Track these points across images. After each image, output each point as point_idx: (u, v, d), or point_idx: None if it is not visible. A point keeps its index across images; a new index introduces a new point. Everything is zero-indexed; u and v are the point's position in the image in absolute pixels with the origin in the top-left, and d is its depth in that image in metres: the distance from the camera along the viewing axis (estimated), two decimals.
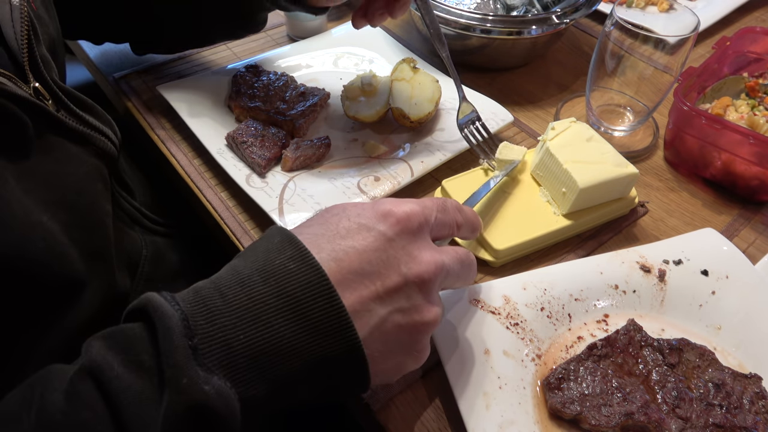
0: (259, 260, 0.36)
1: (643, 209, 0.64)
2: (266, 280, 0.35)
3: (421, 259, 0.39)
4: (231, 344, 0.32)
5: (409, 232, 0.39)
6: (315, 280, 0.35)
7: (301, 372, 0.34)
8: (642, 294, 0.54)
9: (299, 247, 0.36)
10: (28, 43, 0.45)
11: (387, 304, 0.37)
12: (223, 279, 0.35)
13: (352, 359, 0.35)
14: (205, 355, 0.32)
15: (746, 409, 0.45)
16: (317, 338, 0.34)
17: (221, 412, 0.31)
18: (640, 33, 0.62)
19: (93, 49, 0.82)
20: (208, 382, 0.31)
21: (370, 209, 0.40)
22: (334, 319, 0.35)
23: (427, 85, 0.69)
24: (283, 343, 0.33)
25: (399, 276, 0.38)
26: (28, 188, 0.40)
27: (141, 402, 0.30)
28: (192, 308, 0.33)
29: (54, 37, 0.54)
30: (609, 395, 0.46)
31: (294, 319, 0.34)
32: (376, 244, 0.38)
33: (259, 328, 0.33)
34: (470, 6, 0.88)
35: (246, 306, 0.34)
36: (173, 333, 0.31)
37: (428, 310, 0.39)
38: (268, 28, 0.87)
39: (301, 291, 0.34)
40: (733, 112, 0.68)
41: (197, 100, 0.70)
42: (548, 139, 0.60)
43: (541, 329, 0.51)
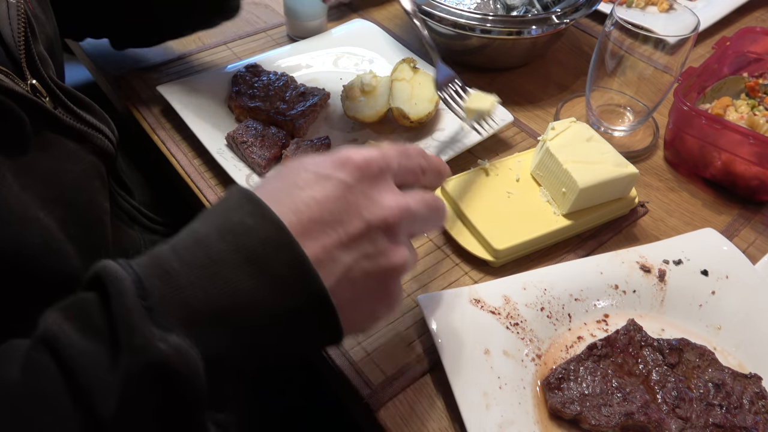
0: (217, 219, 0.35)
1: (643, 209, 0.64)
2: (224, 237, 0.33)
3: (383, 204, 0.38)
4: (189, 303, 0.31)
5: (370, 177, 0.38)
6: (275, 233, 0.34)
7: (267, 327, 0.33)
8: (642, 294, 0.54)
9: (257, 203, 0.35)
10: (25, 40, 0.45)
11: (352, 251, 0.36)
12: (180, 240, 0.34)
13: (321, 310, 0.34)
14: (161, 315, 0.30)
15: (746, 409, 0.45)
16: (281, 291, 0.33)
17: (181, 369, 0.30)
18: (640, 33, 0.62)
19: (93, 49, 0.82)
20: (164, 340, 0.30)
21: (328, 159, 0.39)
22: (298, 270, 0.33)
23: (427, 85, 0.69)
24: (246, 299, 0.32)
25: (362, 221, 0.36)
26: (25, 184, 0.40)
27: (97, 367, 0.29)
28: (146, 270, 0.32)
29: (51, 36, 0.54)
30: (609, 395, 0.46)
31: (255, 274, 0.33)
32: (336, 192, 0.36)
33: (218, 285, 0.32)
34: (470, 6, 0.88)
35: (203, 264, 0.32)
36: (125, 295, 0.30)
37: (395, 253, 0.38)
38: (268, 28, 0.88)
39: (260, 245, 0.33)
40: (733, 112, 0.68)
41: (197, 100, 0.70)
42: (548, 139, 0.60)
43: (541, 329, 0.51)
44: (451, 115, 0.70)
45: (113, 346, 0.30)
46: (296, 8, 0.81)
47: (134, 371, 0.29)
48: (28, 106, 0.42)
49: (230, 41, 0.84)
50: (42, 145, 0.43)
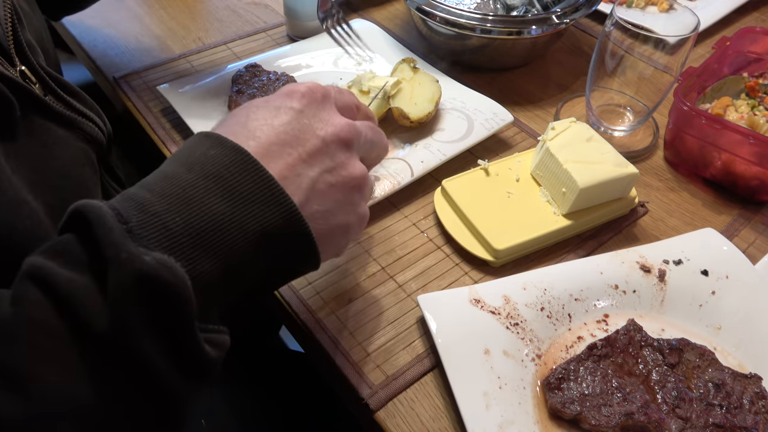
0: (181, 158, 0.36)
1: (643, 209, 0.64)
2: (190, 169, 0.35)
3: (333, 122, 0.41)
4: (168, 226, 0.32)
5: (316, 101, 0.41)
6: (237, 157, 0.36)
7: (245, 245, 0.34)
8: (642, 294, 0.54)
9: (215, 136, 0.37)
10: (12, 27, 0.45)
11: (313, 166, 0.39)
12: (149, 180, 0.36)
13: (293, 225, 0.36)
14: (143, 236, 0.31)
15: (746, 409, 0.45)
16: (253, 209, 0.35)
17: (168, 279, 0.30)
18: (640, 33, 0.62)
19: (93, 49, 0.82)
20: (149, 254, 0.31)
21: (274, 95, 0.42)
22: (265, 188, 0.35)
23: (427, 85, 0.69)
24: (222, 218, 0.34)
25: (317, 139, 0.39)
26: (14, 168, 0.40)
27: (86, 292, 0.30)
28: (122, 204, 0.33)
29: (39, 28, 0.54)
30: (609, 395, 0.46)
31: (226, 196, 0.34)
32: (288, 117, 0.39)
33: (193, 208, 0.33)
34: (470, 6, 0.88)
35: (175, 193, 0.34)
36: (106, 219, 0.31)
37: (353, 165, 0.41)
38: (268, 28, 0.88)
39: (226, 170, 0.35)
40: (733, 112, 0.68)
41: (197, 100, 0.70)
42: (548, 139, 0.60)
43: (541, 329, 0.51)
44: (451, 115, 0.70)
45: (99, 269, 0.31)
46: (296, 8, 0.81)
47: (123, 285, 0.30)
48: (18, 90, 0.42)
49: (230, 41, 0.84)
50: (31, 130, 0.44)
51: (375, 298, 0.55)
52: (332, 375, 0.51)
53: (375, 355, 0.50)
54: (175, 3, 0.93)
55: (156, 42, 0.84)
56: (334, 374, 0.50)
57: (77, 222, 0.32)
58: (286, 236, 0.36)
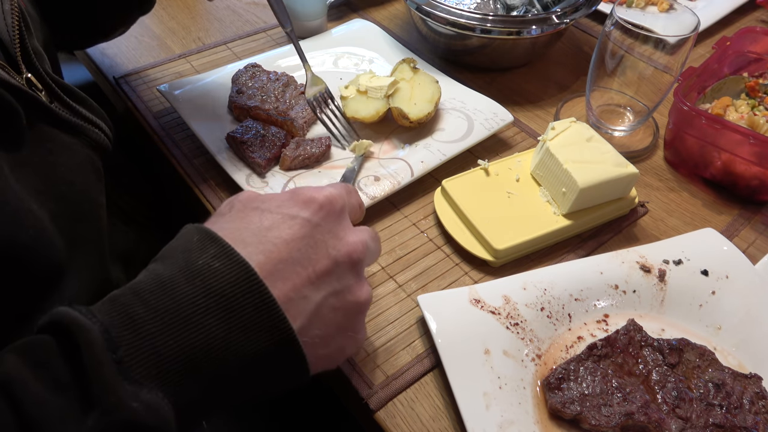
0: (180, 261, 0.34)
1: (643, 209, 0.64)
2: (191, 280, 0.33)
3: (347, 240, 0.39)
4: (159, 352, 0.31)
5: (333, 215, 0.39)
6: (243, 275, 0.34)
7: (237, 370, 0.33)
8: (642, 294, 0.54)
9: (222, 244, 0.35)
10: (19, 34, 0.45)
11: (321, 289, 0.37)
12: (143, 284, 0.34)
13: (288, 352, 0.35)
14: (132, 368, 0.30)
15: (746, 409, 0.45)
16: (251, 335, 0.33)
17: (151, 425, 0.30)
18: (640, 33, 0.62)
19: (93, 49, 0.82)
20: (137, 397, 0.29)
21: (290, 198, 0.39)
22: (266, 313, 0.34)
23: (426, 86, 0.69)
24: (216, 343, 0.32)
25: (328, 259, 0.38)
26: (19, 177, 0.40)
27: (62, 420, 0.29)
28: (112, 319, 0.31)
29: (46, 34, 0.54)
30: (609, 395, 0.46)
31: (225, 318, 0.33)
32: (302, 231, 0.37)
33: (189, 330, 0.32)
34: (470, 6, 0.88)
35: (172, 309, 0.32)
36: (95, 347, 0.30)
37: (360, 289, 0.39)
38: (267, 28, 0.88)
39: (230, 288, 0.33)
40: (733, 112, 0.68)
41: (197, 100, 0.70)
42: (548, 139, 0.60)
43: (541, 329, 0.51)
44: (451, 115, 0.70)
45: (81, 401, 0.29)
46: (296, 8, 0.81)
47: (105, 427, 0.29)
48: (24, 99, 0.42)
49: (230, 41, 0.84)
50: (37, 138, 0.43)
51: (375, 298, 0.55)
52: (332, 375, 0.51)
53: (375, 355, 0.50)
54: (175, 3, 0.93)
55: (156, 42, 0.84)
56: (334, 374, 0.50)
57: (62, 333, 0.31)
58: (280, 361, 0.35)
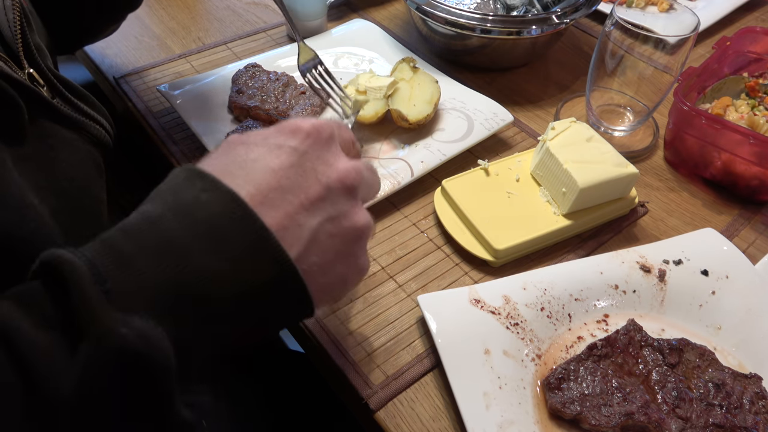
0: (168, 199, 0.34)
1: (643, 209, 0.64)
2: (177, 215, 0.32)
3: (338, 166, 0.38)
4: (149, 285, 0.30)
5: (321, 142, 0.38)
6: (231, 206, 0.33)
7: (234, 304, 0.32)
8: (642, 294, 0.54)
9: (209, 178, 0.34)
10: (21, 30, 0.45)
11: (315, 215, 0.36)
12: (131, 224, 0.33)
13: (286, 281, 0.34)
14: (122, 298, 0.29)
15: (746, 409, 0.45)
16: (245, 266, 0.32)
17: (147, 353, 0.29)
18: (640, 33, 0.62)
19: (93, 49, 0.82)
20: (126, 323, 0.28)
21: (276, 130, 0.38)
22: (259, 242, 0.33)
23: (426, 86, 0.69)
24: (209, 275, 0.31)
25: (320, 185, 0.36)
26: (21, 171, 0.40)
27: (52, 357, 0.28)
28: (100, 257, 0.30)
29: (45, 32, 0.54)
30: (609, 395, 0.46)
31: (216, 251, 0.32)
32: (290, 160, 0.36)
33: (179, 265, 0.31)
34: (470, 6, 0.88)
35: (160, 246, 0.31)
36: (82, 281, 0.29)
37: (357, 214, 0.38)
38: (268, 28, 0.88)
39: (218, 219, 0.32)
40: (733, 112, 0.68)
41: (197, 100, 0.70)
42: (548, 139, 0.60)
43: (541, 329, 0.51)
44: (451, 115, 0.70)
45: (71, 335, 0.29)
46: (296, 8, 0.81)
47: (96, 359, 0.28)
48: (26, 93, 0.42)
49: (230, 41, 0.84)
50: (38, 133, 0.44)
51: (375, 298, 0.55)
52: (332, 375, 0.51)
53: (375, 355, 0.50)
54: (175, 3, 0.93)
55: (156, 42, 0.84)
56: (334, 374, 0.50)
57: (50, 273, 0.30)
58: (280, 292, 0.34)
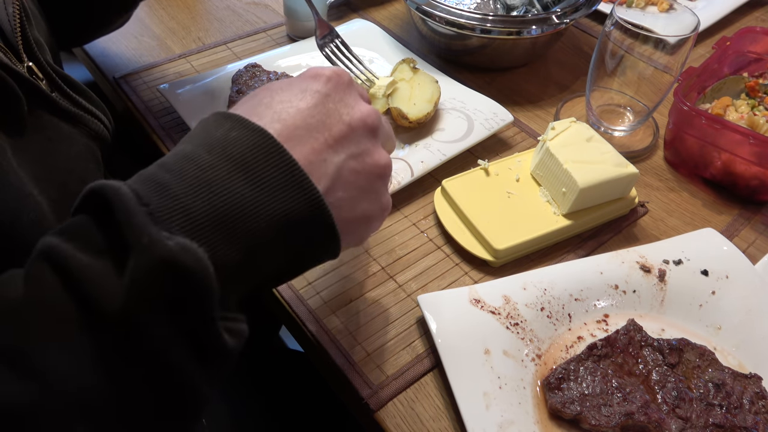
0: (199, 137, 0.35)
1: (643, 209, 0.64)
2: (211, 150, 0.34)
3: (360, 107, 0.40)
4: (189, 210, 0.31)
5: (342, 86, 0.40)
6: (261, 140, 0.34)
7: (267, 231, 0.34)
8: (642, 294, 0.54)
9: (237, 118, 0.36)
10: (20, 24, 0.45)
11: (339, 152, 0.38)
12: (167, 160, 0.34)
13: (317, 212, 0.35)
14: (164, 220, 0.30)
15: (746, 409, 0.45)
16: (276, 195, 0.34)
17: (191, 266, 0.30)
18: (640, 33, 0.62)
19: (93, 49, 0.82)
20: (171, 238, 0.30)
21: (298, 78, 0.40)
22: (289, 174, 0.34)
23: (426, 86, 0.69)
24: (244, 203, 0.33)
25: (343, 124, 0.38)
26: (20, 162, 0.41)
27: (102, 276, 0.29)
28: (141, 185, 0.32)
29: (47, 28, 0.54)
30: (609, 395, 0.46)
31: (249, 180, 0.33)
32: (314, 100, 0.38)
33: (215, 192, 0.32)
34: (470, 6, 0.88)
35: (196, 175, 0.33)
36: (126, 201, 0.30)
37: (378, 153, 0.40)
38: (268, 28, 0.88)
39: (249, 153, 0.34)
40: (733, 112, 0.68)
41: (197, 100, 0.70)
42: (548, 139, 0.60)
43: (541, 329, 0.51)
44: (451, 115, 0.70)
45: (118, 254, 0.30)
46: (296, 8, 0.81)
47: (145, 271, 0.29)
48: (25, 85, 0.43)
49: (230, 41, 0.84)
50: (37, 125, 0.44)
51: (375, 298, 0.55)
52: (332, 375, 0.51)
53: (375, 355, 0.50)
54: (175, 3, 0.93)
55: (156, 42, 0.84)
56: (334, 374, 0.50)
57: (94, 202, 0.32)
58: (309, 223, 0.35)
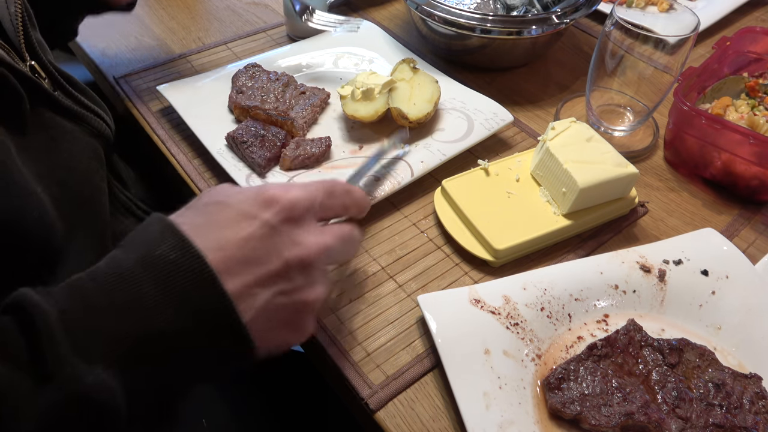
0: (140, 251, 0.36)
1: (643, 209, 0.64)
2: (147, 270, 0.35)
3: (304, 244, 0.39)
4: (112, 336, 0.33)
5: (293, 219, 0.40)
6: (198, 268, 0.35)
7: (189, 359, 0.35)
8: (642, 294, 0.54)
9: (180, 237, 0.36)
10: (23, 24, 0.46)
11: (270, 288, 0.38)
12: (101, 272, 0.35)
13: (238, 341, 0.36)
14: (87, 349, 0.32)
15: (746, 409, 0.45)
16: (202, 324, 0.35)
17: (103, 402, 0.31)
18: (640, 33, 0.62)
19: (93, 49, 0.82)
20: (91, 373, 0.31)
21: (254, 196, 0.40)
22: (218, 305, 0.35)
23: (426, 86, 0.69)
24: (169, 333, 0.34)
25: (281, 261, 0.38)
26: (24, 160, 0.41)
27: (16, 391, 0.30)
28: (70, 304, 0.33)
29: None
30: (609, 395, 0.46)
31: (178, 309, 0.34)
32: (260, 233, 0.38)
33: (142, 320, 0.33)
34: (470, 6, 0.88)
35: (126, 300, 0.33)
36: (52, 327, 0.31)
37: (310, 290, 0.40)
38: (267, 28, 0.88)
39: (183, 279, 0.35)
40: (733, 112, 0.68)
41: (197, 100, 0.70)
42: (548, 139, 0.60)
43: (541, 329, 0.51)
44: (451, 115, 0.70)
45: (36, 375, 0.31)
46: (296, 8, 0.81)
47: (60, 403, 0.30)
48: (27, 84, 0.43)
49: (230, 41, 0.84)
50: (39, 123, 0.44)
51: (375, 298, 0.55)
52: (332, 375, 0.51)
53: (375, 355, 0.50)
54: (175, 3, 0.93)
55: (156, 42, 0.84)
56: (334, 374, 0.50)
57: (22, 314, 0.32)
58: (230, 350, 0.37)
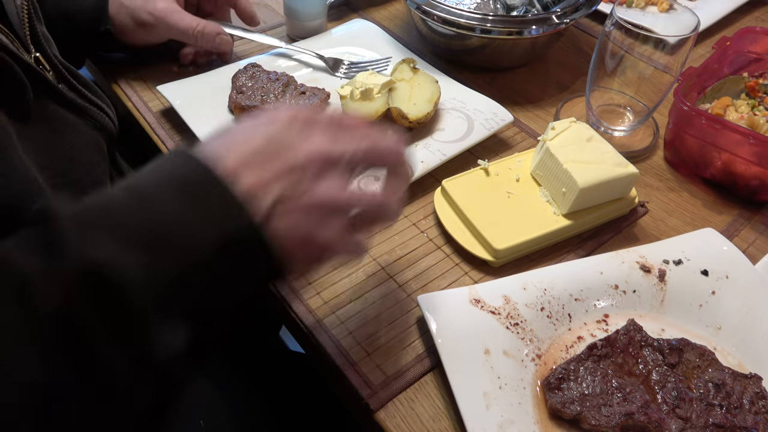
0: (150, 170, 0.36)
1: (643, 209, 0.64)
2: (155, 173, 0.35)
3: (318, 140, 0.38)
4: (127, 222, 0.33)
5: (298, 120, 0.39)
6: (206, 168, 0.35)
7: (206, 249, 0.34)
8: (642, 294, 0.54)
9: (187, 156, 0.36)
10: (28, 17, 0.46)
11: (286, 181, 0.36)
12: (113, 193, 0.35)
13: (255, 238, 0.35)
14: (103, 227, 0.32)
15: (746, 409, 0.45)
16: (217, 221, 0.34)
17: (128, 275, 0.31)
18: (640, 33, 0.62)
19: None
20: (104, 248, 0.31)
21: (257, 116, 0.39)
22: (229, 199, 0.34)
23: (426, 86, 0.69)
24: (184, 219, 0.33)
25: (299, 153, 0.37)
26: (25, 149, 0.41)
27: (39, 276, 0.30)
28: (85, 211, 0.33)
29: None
30: (609, 395, 0.46)
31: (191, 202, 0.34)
32: (276, 128, 0.38)
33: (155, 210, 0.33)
34: (470, 6, 0.88)
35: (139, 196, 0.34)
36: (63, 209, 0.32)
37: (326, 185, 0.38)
38: (267, 28, 0.88)
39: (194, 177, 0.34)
40: (733, 112, 0.68)
41: (197, 100, 0.70)
42: (548, 139, 0.60)
43: (541, 329, 0.51)
44: (451, 115, 0.70)
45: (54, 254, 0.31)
46: (296, 8, 0.81)
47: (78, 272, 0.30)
48: (31, 74, 0.43)
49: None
50: (42, 114, 0.45)
51: (375, 298, 0.55)
52: (332, 375, 0.51)
53: (375, 355, 0.50)
54: None
55: None
56: (334, 374, 0.50)
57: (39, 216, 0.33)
58: (249, 247, 0.35)
